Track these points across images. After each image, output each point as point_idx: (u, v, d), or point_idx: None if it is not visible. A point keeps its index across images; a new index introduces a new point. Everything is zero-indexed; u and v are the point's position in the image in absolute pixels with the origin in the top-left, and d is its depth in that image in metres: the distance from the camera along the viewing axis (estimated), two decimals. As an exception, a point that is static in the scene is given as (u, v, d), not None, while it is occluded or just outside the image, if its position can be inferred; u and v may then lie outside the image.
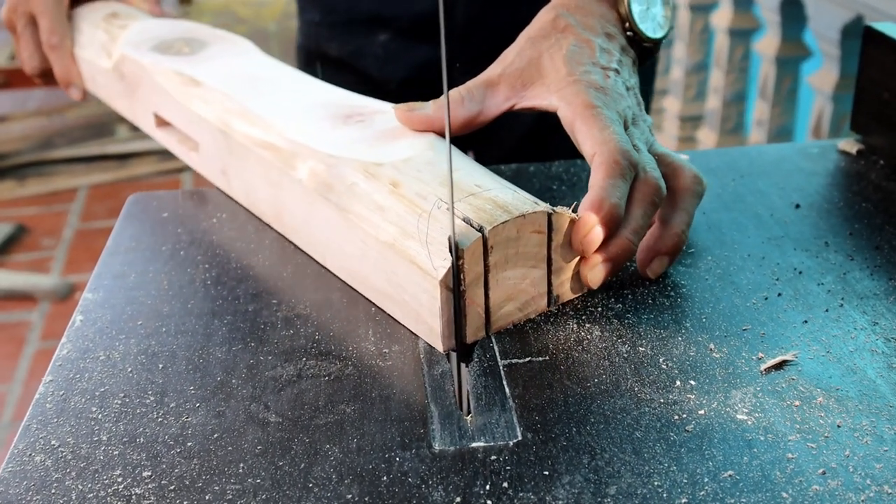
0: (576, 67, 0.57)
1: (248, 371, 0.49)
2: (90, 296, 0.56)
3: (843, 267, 0.56)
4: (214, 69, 0.68)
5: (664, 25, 0.63)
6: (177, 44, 0.72)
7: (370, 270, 0.52)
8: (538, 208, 0.49)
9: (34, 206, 2.66)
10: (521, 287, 0.50)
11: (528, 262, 0.50)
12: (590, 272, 0.51)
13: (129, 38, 0.74)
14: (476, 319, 0.48)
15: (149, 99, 0.71)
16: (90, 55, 0.77)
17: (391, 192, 0.51)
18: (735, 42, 2.03)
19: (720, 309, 0.53)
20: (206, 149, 0.66)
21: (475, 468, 0.42)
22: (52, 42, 0.79)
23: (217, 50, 0.71)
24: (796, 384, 0.47)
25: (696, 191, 0.55)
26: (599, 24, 0.60)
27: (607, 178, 0.51)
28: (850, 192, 0.65)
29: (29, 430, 0.45)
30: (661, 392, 0.46)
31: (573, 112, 0.55)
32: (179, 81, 0.67)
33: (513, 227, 0.48)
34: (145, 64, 0.70)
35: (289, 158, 0.57)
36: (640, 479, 0.41)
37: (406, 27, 0.91)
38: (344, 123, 0.59)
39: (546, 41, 0.59)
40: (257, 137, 0.59)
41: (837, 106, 1.65)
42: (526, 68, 0.58)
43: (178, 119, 0.68)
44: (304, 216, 0.57)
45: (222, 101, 0.63)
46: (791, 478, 0.41)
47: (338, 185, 0.54)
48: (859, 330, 0.51)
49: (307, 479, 0.42)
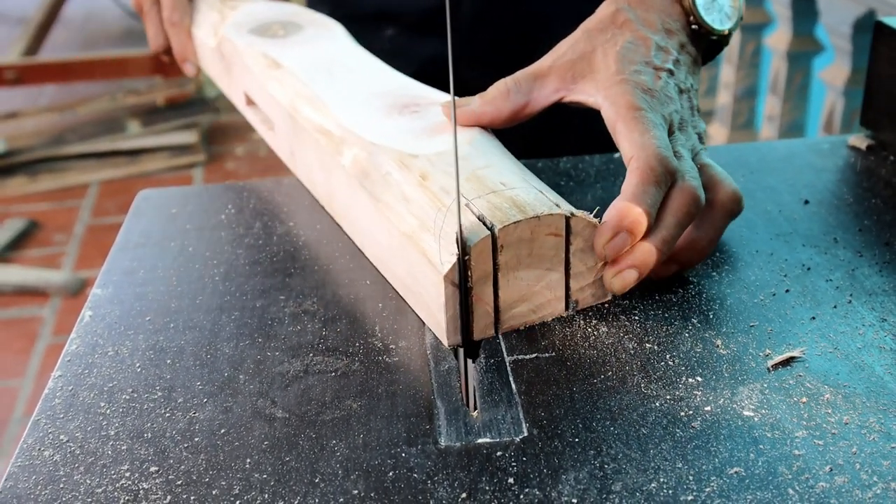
0: (627, 66, 0.55)
1: (256, 367, 0.49)
2: (99, 291, 0.57)
3: (851, 263, 0.56)
4: (298, 53, 0.69)
5: (732, 16, 0.60)
6: (273, 27, 0.75)
7: (394, 259, 0.53)
8: (556, 211, 0.48)
9: (46, 202, 2.68)
10: (536, 289, 0.50)
11: (543, 265, 0.49)
12: (612, 279, 0.50)
13: (235, 19, 0.77)
14: (484, 317, 0.48)
15: (241, 78, 0.73)
16: (203, 34, 0.81)
17: (419, 183, 0.52)
18: (746, 37, 2.02)
19: (727, 305, 0.52)
20: (280, 129, 0.68)
21: (481, 464, 0.42)
22: (172, 19, 0.83)
23: (309, 34, 0.73)
24: (803, 381, 0.46)
25: (730, 208, 0.54)
26: (659, 20, 0.58)
27: (640, 184, 0.49)
28: (859, 189, 0.65)
29: (38, 424, 0.46)
30: (667, 388, 0.46)
31: (616, 113, 0.53)
32: (264, 63, 0.69)
33: (526, 227, 0.47)
34: (238, 45, 0.72)
35: (338, 144, 0.58)
36: (646, 476, 0.41)
37: (413, 21, 0.91)
38: (399, 113, 0.60)
39: (602, 35, 0.57)
40: (317, 122, 0.61)
41: (849, 101, 1.64)
42: (578, 61, 0.57)
43: (260, 99, 0.70)
44: (347, 202, 0.59)
45: (294, 84, 0.65)
46: (798, 475, 0.41)
47: (374, 174, 0.55)
48: (867, 326, 0.50)
49: (313, 475, 0.42)
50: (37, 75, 2.95)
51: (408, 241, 0.50)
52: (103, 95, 3.02)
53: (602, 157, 0.70)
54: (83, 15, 4.02)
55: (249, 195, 0.68)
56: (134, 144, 2.86)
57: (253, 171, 2.78)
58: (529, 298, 0.50)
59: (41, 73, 2.95)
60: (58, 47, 3.61)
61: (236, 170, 2.82)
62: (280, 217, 0.64)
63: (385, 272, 0.56)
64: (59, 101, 3.13)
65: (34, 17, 3.30)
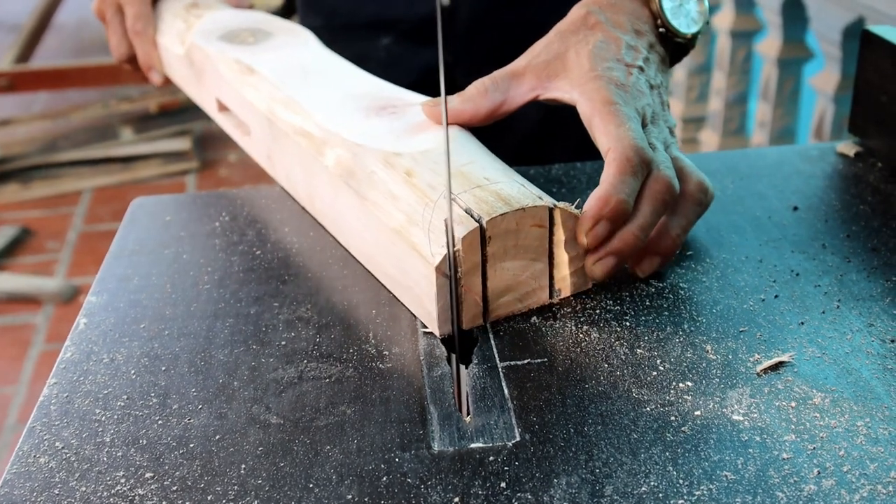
0: (599, 63, 0.58)
1: (250, 373, 0.50)
2: (94, 299, 0.57)
3: (840, 269, 0.57)
4: (271, 59, 0.71)
5: (698, 20, 0.63)
6: (242, 34, 0.76)
7: (382, 255, 0.55)
8: (540, 203, 0.50)
9: (39, 209, 2.68)
10: (521, 279, 0.52)
11: (528, 255, 0.51)
12: (593, 266, 0.52)
13: (202, 27, 0.78)
14: (473, 307, 0.50)
15: (212, 85, 0.74)
16: (168, 42, 0.81)
17: (405, 181, 0.54)
18: (737, 43, 2.04)
19: (717, 311, 0.53)
20: (256, 134, 0.69)
21: (474, 469, 0.42)
22: (136, 28, 0.83)
23: (280, 41, 0.74)
24: (792, 385, 0.47)
25: (698, 198, 0.56)
26: (629, 21, 0.61)
27: (618, 174, 0.51)
28: (847, 195, 0.66)
29: (33, 431, 0.46)
30: (658, 393, 0.47)
31: (592, 107, 0.56)
32: (237, 69, 0.70)
33: (512, 219, 0.50)
34: (210, 52, 0.73)
35: (320, 146, 0.60)
36: (637, 480, 0.41)
37: (409, 30, 0.91)
38: (377, 115, 0.61)
39: (574, 36, 0.60)
40: (296, 125, 0.62)
41: (839, 107, 1.65)
42: (552, 61, 0.59)
43: (234, 104, 0.71)
44: (331, 201, 0.60)
45: (270, 89, 0.66)
46: (786, 478, 0.41)
47: (359, 173, 0.56)
48: (855, 332, 0.51)
49: (308, 480, 0.42)
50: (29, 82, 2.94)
51: (397, 236, 0.52)
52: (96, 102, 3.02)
53: (594, 163, 0.70)
54: (75, 22, 4.02)
55: (243, 202, 0.68)
56: (127, 151, 2.86)
57: (246, 178, 2.78)
58: (515, 288, 0.52)
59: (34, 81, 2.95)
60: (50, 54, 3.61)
61: (229, 176, 2.82)
62: (273, 224, 0.65)
63: (372, 268, 0.57)
64: (51, 108, 3.13)
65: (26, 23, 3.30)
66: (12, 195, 2.74)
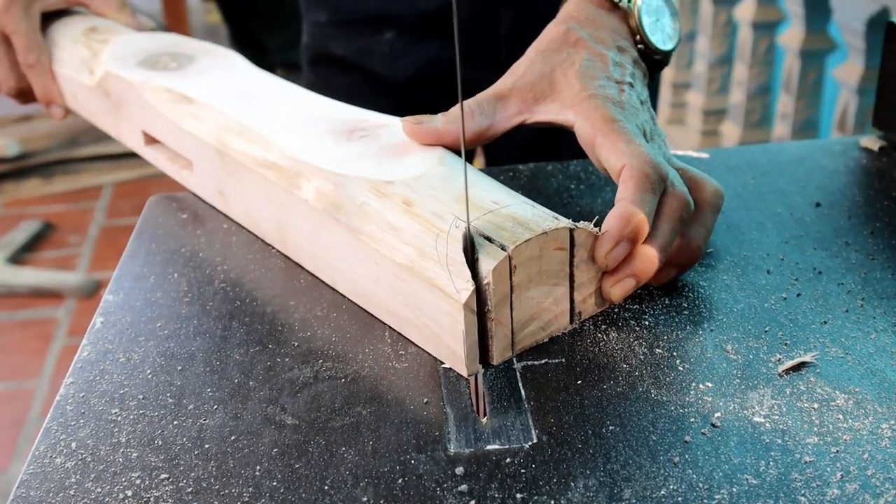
0: (590, 82, 0.56)
1: (266, 373, 0.49)
2: (110, 298, 0.57)
3: (863, 266, 0.56)
4: (205, 84, 0.65)
5: (673, 37, 0.62)
6: (163, 59, 0.70)
7: (385, 293, 0.51)
8: (560, 224, 0.48)
9: (61, 204, 2.69)
10: (545, 305, 0.49)
11: (551, 280, 0.49)
12: (612, 287, 0.50)
13: (113, 53, 0.71)
14: (503, 340, 0.48)
15: (136, 116, 0.68)
16: (71, 72, 0.74)
17: (405, 211, 0.50)
18: (759, 35, 2.01)
19: (738, 310, 0.52)
20: (201, 168, 0.63)
21: (490, 471, 0.42)
22: (29, 61, 0.76)
23: (206, 64, 0.69)
24: (815, 386, 0.46)
25: (716, 205, 0.54)
26: (611, 38, 0.60)
27: (637, 192, 0.49)
28: (871, 190, 0.65)
29: (49, 431, 0.46)
30: (677, 394, 0.46)
31: (593, 127, 0.54)
32: (169, 98, 0.64)
33: (535, 245, 0.47)
34: (132, 81, 0.67)
35: (292, 178, 0.55)
36: (656, 483, 0.41)
37: (412, 24, 0.91)
38: (347, 139, 0.57)
39: (558, 55, 0.58)
40: (258, 156, 0.58)
41: (863, 99, 1.63)
42: (538, 82, 0.57)
43: (168, 137, 0.66)
44: (311, 237, 0.56)
45: (216, 118, 0.61)
46: (809, 482, 0.40)
47: (347, 205, 0.52)
48: (880, 331, 0.50)
49: (323, 482, 0.42)
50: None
51: (406, 272, 0.48)
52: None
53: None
54: (96, 17, 4.03)
55: (260, 200, 0.68)
56: (147, 146, 2.87)
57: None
58: (539, 316, 0.49)
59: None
60: (71, 49, 3.62)
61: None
62: (290, 222, 0.65)
63: (368, 305, 0.53)
64: (72, 103, 3.15)
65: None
66: (34, 190, 2.76)
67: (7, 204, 2.70)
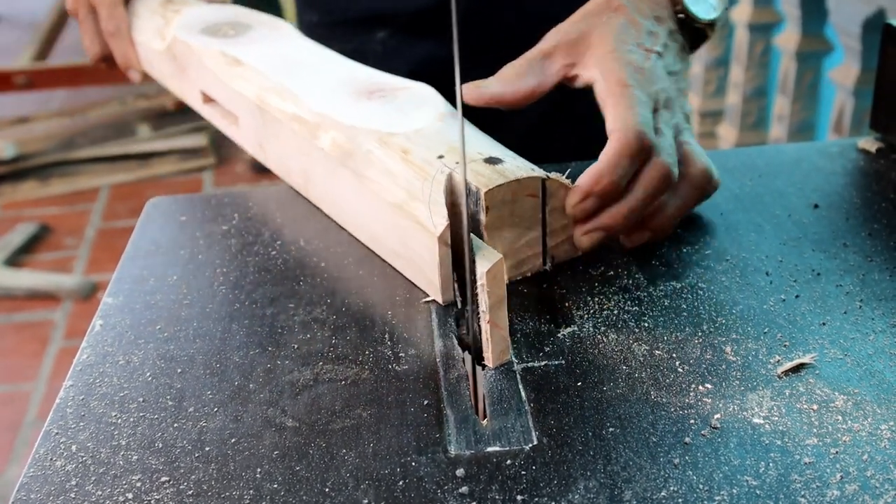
0: (620, 45, 0.59)
1: (266, 375, 0.49)
2: (110, 300, 0.57)
3: (861, 268, 0.56)
4: (255, 50, 0.72)
5: (717, 7, 0.64)
6: (223, 27, 0.77)
7: (382, 230, 0.57)
8: (533, 174, 0.54)
9: (57, 206, 2.69)
10: (517, 246, 0.55)
11: (523, 224, 0.54)
12: (581, 237, 0.55)
13: (182, 22, 0.79)
14: (501, 342, 0.49)
15: (197, 78, 0.75)
16: (146, 39, 0.82)
17: (402, 158, 0.56)
18: (755, 37, 2.02)
19: (737, 311, 0.52)
20: (245, 123, 0.70)
21: (490, 473, 0.42)
22: (109, 29, 0.83)
23: (260, 33, 0.76)
24: (814, 387, 0.46)
25: (699, 182, 0.58)
26: (650, 8, 0.63)
27: (615, 155, 0.53)
28: (869, 192, 0.65)
29: (49, 434, 0.46)
30: (677, 396, 0.46)
31: (607, 88, 0.57)
32: (223, 61, 0.71)
33: (507, 189, 0.53)
34: (194, 45, 0.74)
35: (314, 130, 0.62)
36: (656, 485, 0.41)
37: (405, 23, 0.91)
38: (367, 99, 0.63)
39: (598, 18, 0.61)
40: (289, 111, 0.64)
41: (859, 101, 1.64)
42: (578, 40, 0.61)
43: (221, 96, 0.72)
44: (328, 183, 0.62)
45: (259, 79, 0.68)
46: (808, 483, 0.40)
47: (355, 153, 0.59)
48: (878, 332, 0.50)
49: (323, 484, 0.42)
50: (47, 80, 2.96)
51: (398, 210, 0.54)
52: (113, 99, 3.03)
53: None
54: (93, 19, 4.02)
55: (258, 202, 0.68)
56: (144, 148, 2.87)
57: (262, 174, 2.79)
58: (512, 255, 0.55)
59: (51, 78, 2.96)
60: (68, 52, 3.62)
61: (246, 173, 2.83)
62: (289, 224, 0.65)
63: (370, 242, 0.60)
64: (69, 105, 3.14)
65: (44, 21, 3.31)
66: (31, 192, 2.75)
67: (3, 206, 2.70)
